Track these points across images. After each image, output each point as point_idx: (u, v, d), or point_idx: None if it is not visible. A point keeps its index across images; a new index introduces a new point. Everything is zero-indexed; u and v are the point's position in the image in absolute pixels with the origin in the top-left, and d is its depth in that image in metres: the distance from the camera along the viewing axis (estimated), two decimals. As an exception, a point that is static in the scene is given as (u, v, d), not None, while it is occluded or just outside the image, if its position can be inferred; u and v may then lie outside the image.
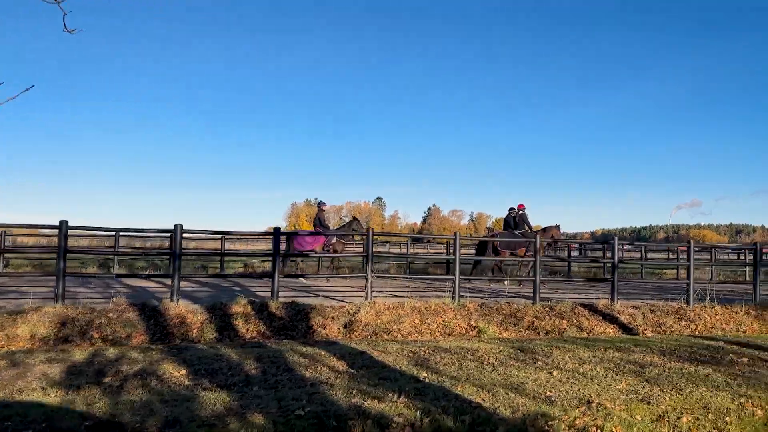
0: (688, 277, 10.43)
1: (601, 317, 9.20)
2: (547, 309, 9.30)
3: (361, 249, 15.98)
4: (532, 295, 9.86)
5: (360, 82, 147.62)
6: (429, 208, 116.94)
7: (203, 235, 17.98)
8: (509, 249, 13.97)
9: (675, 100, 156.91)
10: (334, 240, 13.71)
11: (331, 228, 15.47)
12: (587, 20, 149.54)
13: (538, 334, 8.41)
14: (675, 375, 5.40)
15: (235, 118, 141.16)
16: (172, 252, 8.56)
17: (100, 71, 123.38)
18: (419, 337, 7.87)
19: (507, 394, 4.51)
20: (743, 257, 20.93)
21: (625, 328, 8.95)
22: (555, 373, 5.33)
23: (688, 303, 10.07)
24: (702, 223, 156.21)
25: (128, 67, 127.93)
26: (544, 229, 14.58)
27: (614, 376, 5.30)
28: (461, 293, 9.57)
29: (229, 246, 23.61)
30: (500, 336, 8.19)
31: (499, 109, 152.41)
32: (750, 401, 4.47)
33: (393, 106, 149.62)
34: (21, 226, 8.91)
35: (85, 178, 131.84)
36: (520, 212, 14.62)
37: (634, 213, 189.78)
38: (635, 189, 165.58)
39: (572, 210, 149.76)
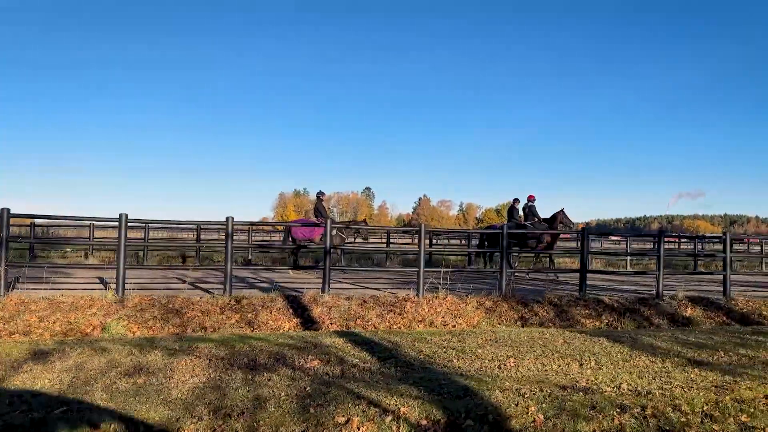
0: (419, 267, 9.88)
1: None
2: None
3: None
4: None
5: (348, 73, 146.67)
6: (419, 198, 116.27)
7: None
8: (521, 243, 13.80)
9: (675, 90, 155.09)
10: (335, 232, 13.40)
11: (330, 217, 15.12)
12: (579, 11, 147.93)
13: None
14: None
15: (221, 109, 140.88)
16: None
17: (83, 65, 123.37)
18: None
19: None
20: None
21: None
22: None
23: (418, 293, 8.94)
24: (699, 214, 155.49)
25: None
26: (553, 216, 14.28)
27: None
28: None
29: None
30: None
31: (488, 99, 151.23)
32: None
33: (381, 96, 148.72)
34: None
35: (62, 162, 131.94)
36: (530, 204, 14.38)
37: (634, 203, 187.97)
38: (634, 179, 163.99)
39: (568, 201, 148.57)
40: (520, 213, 14.51)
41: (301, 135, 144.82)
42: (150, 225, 14.42)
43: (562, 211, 14.24)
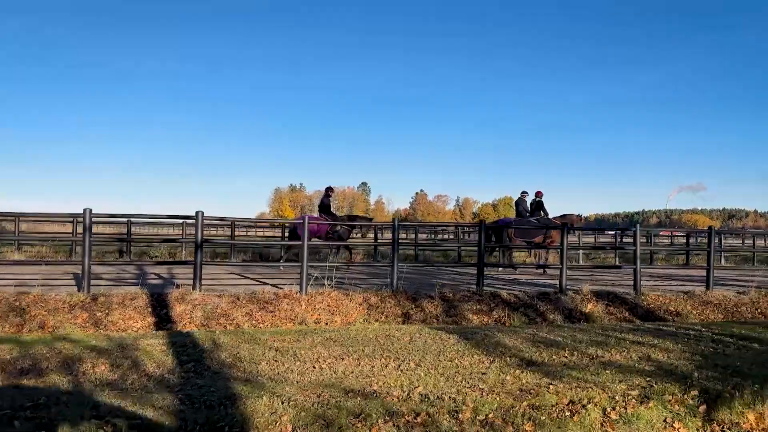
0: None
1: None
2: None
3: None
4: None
5: (344, 68, 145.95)
6: (416, 194, 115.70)
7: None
8: (524, 237, 13.60)
9: (675, 85, 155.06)
10: (339, 228, 13.23)
11: (336, 214, 14.90)
12: (577, 9, 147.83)
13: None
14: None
15: (216, 105, 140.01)
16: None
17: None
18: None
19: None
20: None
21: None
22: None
23: (300, 289, 8.37)
24: (699, 208, 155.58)
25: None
26: (563, 216, 14.28)
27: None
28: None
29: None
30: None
31: (485, 94, 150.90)
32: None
33: (377, 92, 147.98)
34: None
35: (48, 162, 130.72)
36: (538, 199, 14.29)
37: (632, 197, 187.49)
38: (632, 174, 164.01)
39: (565, 195, 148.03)
40: (527, 207, 14.41)
41: (297, 130, 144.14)
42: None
43: (579, 216, 14.58)
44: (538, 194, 14.39)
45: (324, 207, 13.71)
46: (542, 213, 14.18)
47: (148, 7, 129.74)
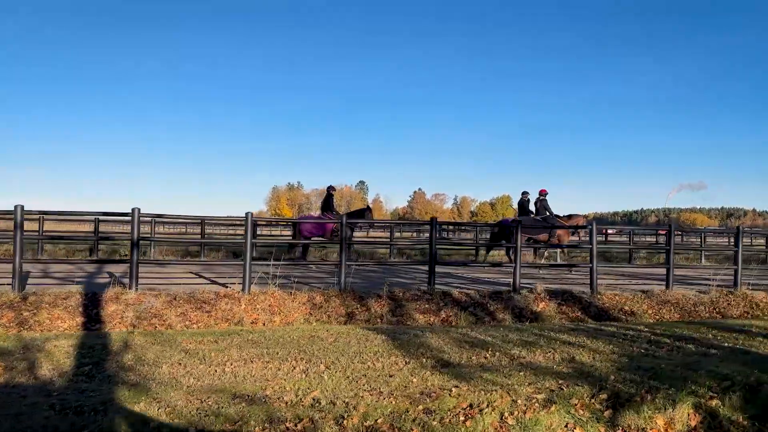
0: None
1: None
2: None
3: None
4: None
5: (341, 67, 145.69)
6: (414, 192, 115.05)
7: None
8: (529, 235, 13.61)
9: (674, 82, 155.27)
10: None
11: (339, 212, 14.66)
12: (577, 9, 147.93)
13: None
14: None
15: (215, 104, 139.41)
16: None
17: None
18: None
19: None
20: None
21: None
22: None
23: (243, 288, 8.14)
24: (697, 207, 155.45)
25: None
26: (570, 216, 14.21)
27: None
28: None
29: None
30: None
31: (484, 94, 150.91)
32: None
33: (375, 90, 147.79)
34: None
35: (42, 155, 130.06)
36: (542, 198, 14.12)
37: (632, 196, 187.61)
38: (632, 172, 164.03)
39: (564, 194, 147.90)
40: (532, 207, 14.34)
41: (295, 129, 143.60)
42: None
43: (584, 217, 14.73)
44: (542, 192, 14.26)
45: (326, 206, 13.77)
46: (547, 212, 14.09)
47: (148, 7, 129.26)
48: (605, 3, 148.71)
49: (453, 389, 4.17)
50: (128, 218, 7.90)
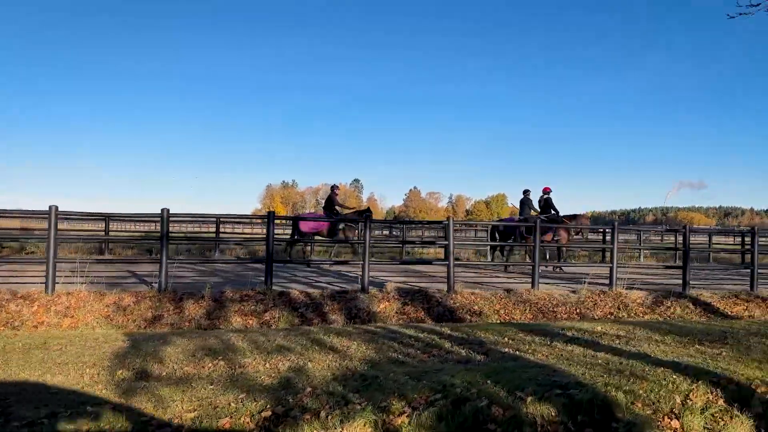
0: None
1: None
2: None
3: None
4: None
5: (338, 66, 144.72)
6: (410, 190, 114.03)
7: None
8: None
9: (676, 82, 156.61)
10: (342, 225, 13.18)
11: (340, 212, 14.42)
12: (577, 8, 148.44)
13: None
14: None
15: (210, 101, 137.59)
16: None
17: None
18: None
19: None
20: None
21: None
22: None
23: (46, 289, 7.61)
24: (696, 206, 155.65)
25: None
26: (575, 216, 14.01)
27: None
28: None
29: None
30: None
31: (483, 92, 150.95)
32: None
33: (371, 88, 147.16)
34: None
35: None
36: (546, 196, 13.97)
37: (629, 195, 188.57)
38: (630, 171, 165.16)
39: (562, 192, 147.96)
40: (535, 205, 13.97)
41: (290, 127, 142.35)
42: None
43: (586, 216, 14.49)
44: (546, 190, 13.95)
45: (329, 205, 13.87)
46: (552, 210, 13.78)
47: (148, 7, 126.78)
48: (605, 2, 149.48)
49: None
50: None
